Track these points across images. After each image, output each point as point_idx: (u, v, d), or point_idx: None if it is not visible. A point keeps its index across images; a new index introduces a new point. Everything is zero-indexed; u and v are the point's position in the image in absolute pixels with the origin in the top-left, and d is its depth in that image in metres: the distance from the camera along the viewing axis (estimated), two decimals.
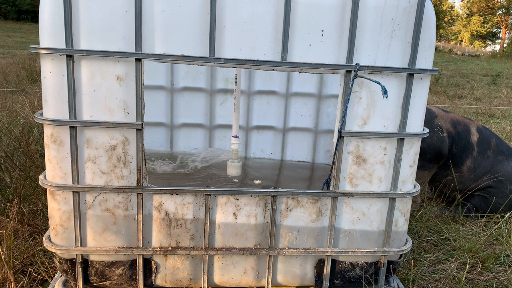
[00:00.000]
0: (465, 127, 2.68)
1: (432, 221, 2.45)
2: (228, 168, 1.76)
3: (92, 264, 1.46)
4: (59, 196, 1.38)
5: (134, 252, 1.43)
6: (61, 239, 1.42)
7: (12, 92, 5.24)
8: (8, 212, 2.07)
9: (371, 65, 1.35)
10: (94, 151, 1.35)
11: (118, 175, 1.37)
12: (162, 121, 2.41)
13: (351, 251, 1.51)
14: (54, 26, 1.23)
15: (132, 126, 1.33)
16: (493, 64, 16.06)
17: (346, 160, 1.43)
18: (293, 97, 2.42)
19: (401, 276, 1.84)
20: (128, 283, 1.49)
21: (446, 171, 2.66)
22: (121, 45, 1.27)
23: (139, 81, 1.30)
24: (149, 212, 1.43)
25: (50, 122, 1.30)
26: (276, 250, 1.49)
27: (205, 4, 1.27)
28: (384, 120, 1.41)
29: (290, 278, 1.56)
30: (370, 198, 1.47)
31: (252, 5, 1.28)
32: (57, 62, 1.26)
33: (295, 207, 1.47)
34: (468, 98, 7.57)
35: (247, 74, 2.38)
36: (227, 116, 2.43)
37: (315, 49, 1.33)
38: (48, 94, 1.29)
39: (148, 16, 1.26)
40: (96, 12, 1.24)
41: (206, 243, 1.46)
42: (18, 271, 1.69)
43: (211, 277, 1.53)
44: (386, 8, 1.31)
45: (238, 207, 1.46)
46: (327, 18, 1.31)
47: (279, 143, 2.49)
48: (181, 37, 1.28)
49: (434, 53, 1.40)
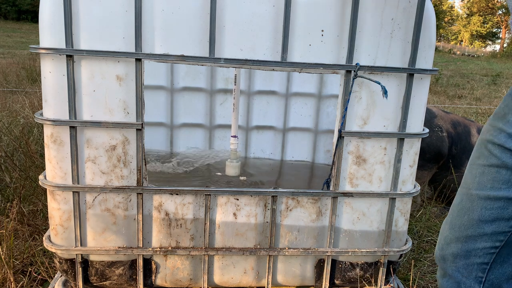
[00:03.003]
0: (465, 128, 2.68)
1: (432, 221, 2.45)
2: (227, 168, 1.76)
3: (92, 264, 1.46)
4: (59, 196, 1.38)
5: (134, 252, 1.43)
6: (61, 239, 1.42)
7: (12, 92, 5.24)
8: (8, 212, 2.07)
9: (371, 65, 1.35)
10: (94, 151, 1.35)
11: (118, 175, 1.37)
12: (162, 121, 2.41)
13: (351, 251, 1.51)
14: (54, 26, 1.23)
15: (132, 126, 1.33)
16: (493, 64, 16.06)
17: (346, 160, 1.43)
18: (293, 97, 2.42)
19: (401, 276, 1.84)
20: (128, 283, 1.49)
21: (446, 172, 2.66)
22: (121, 45, 1.27)
23: (139, 81, 1.30)
24: (149, 212, 1.43)
25: (50, 122, 1.30)
26: (276, 250, 1.49)
27: (205, 4, 1.26)
28: (384, 120, 1.41)
29: (290, 278, 1.56)
30: (370, 198, 1.47)
31: (252, 5, 1.28)
32: (57, 62, 1.26)
33: (295, 207, 1.47)
34: (468, 98, 7.57)
35: (247, 74, 2.38)
36: (227, 116, 2.43)
37: (315, 49, 1.33)
38: (48, 94, 1.29)
39: (148, 16, 1.26)
40: (96, 12, 1.24)
41: (206, 243, 1.46)
42: (18, 271, 1.69)
43: (211, 277, 1.53)
44: (386, 8, 1.31)
45: (238, 207, 1.46)
46: (327, 18, 1.31)
47: (279, 143, 2.48)
48: (181, 37, 1.28)
49: (434, 53, 1.41)
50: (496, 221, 0.93)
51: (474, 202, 0.96)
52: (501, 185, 0.92)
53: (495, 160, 0.92)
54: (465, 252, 0.98)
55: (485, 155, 0.95)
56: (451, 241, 1.01)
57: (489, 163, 0.94)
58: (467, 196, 0.98)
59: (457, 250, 1.00)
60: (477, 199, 0.95)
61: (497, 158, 0.92)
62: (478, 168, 0.96)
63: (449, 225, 1.02)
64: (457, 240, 1.00)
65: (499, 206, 0.93)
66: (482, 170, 0.95)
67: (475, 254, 0.97)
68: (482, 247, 0.96)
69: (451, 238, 1.01)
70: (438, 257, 1.06)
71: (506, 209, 0.92)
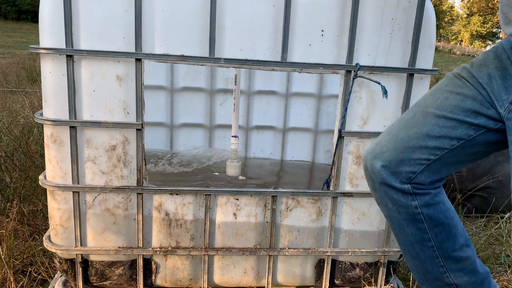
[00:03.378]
0: None
1: None
2: (228, 168, 1.77)
3: (92, 264, 1.46)
4: (59, 196, 1.38)
5: (134, 252, 1.43)
6: (61, 239, 1.42)
7: (12, 92, 5.24)
8: (8, 212, 2.07)
9: (371, 65, 1.35)
10: (94, 151, 1.35)
11: (118, 175, 1.37)
12: (162, 121, 2.41)
13: (351, 251, 1.51)
14: (54, 26, 1.23)
15: (132, 126, 1.33)
16: None
17: (346, 160, 1.43)
18: (293, 97, 2.42)
19: (401, 276, 1.84)
20: (128, 283, 1.49)
21: None
22: (121, 45, 1.27)
23: (139, 81, 1.30)
24: (149, 212, 1.43)
25: (50, 122, 1.30)
26: (276, 250, 1.49)
27: (205, 4, 1.27)
28: (384, 120, 1.41)
29: (290, 278, 1.56)
30: (370, 198, 1.47)
31: (252, 5, 1.28)
32: (57, 62, 1.26)
33: (295, 207, 1.47)
34: None
35: (247, 74, 2.38)
36: (227, 116, 2.43)
37: (315, 49, 1.33)
38: (48, 94, 1.29)
39: (148, 16, 1.26)
40: (96, 12, 1.24)
41: (206, 243, 1.46)
42: (18, 271, 1.69)
43: (211, 277, 1.53)
44: (386, 8, 1.31)
45: (238, 207, 1.46)
46: (327, 18, 1.31)
47: (279, 143, 2.48)
48: (181, 37, 1.28)
49: (434, 53, 1.41)
50: (442, 138, 1.04)
51: (428, 118, 1.05)
52: (461, 111, 1.02)
53: (467, 90, 1.02)
54: (399, 160, 1.07)
55: (457, 84, 1.05)
56: (387, 150, 1.09)
57: (458, 92, 1.03)
58: (422, 113, 1.07)
59: (390, 158, 1.08)
60: (432, 116, 1.05)
61: (469, 89, 1.02)
62: (443, 94, 1.06)
63: (390, 136, 1.10)
64: (394, 150, 1.08)
65: (450, 126, 1.03)
66: (447, 95, 1.05)
67: (407, 163, 1.07)
68: (417, 158, 1.06)
69: (388, 147, 1.09)
70: (366, 164, 1.14)
71: (455, 129, 1.03)
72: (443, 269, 1.13)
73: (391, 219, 1.14)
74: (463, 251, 1.13)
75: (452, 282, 1.15)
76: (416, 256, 1.14)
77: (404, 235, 1.13)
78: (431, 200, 1.10)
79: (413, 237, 1.12)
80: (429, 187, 1.09)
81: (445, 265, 1.13)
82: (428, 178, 1.08)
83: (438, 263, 1.13)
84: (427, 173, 1.07)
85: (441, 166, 1.07)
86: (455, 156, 1.06)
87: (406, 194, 1.08)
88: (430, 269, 1.14)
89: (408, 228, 1.12)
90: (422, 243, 1.12)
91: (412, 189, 1.08)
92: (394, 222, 1.14)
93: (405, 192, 1.08)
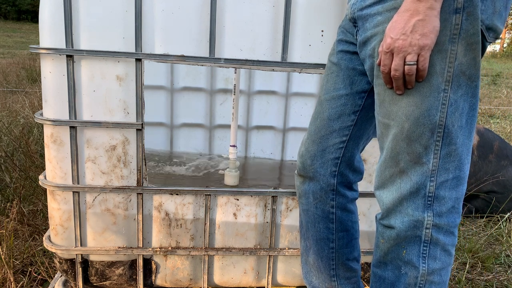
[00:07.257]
0: None
1: None
2: (226, 178, 1.77)
3: (92, 264, 1.46)
4: (59, 196, 1.38)
5: (134, 252, 1.43)
6: (61, 239, 1.42)
7: (12, 92, 5.24)
8: (8, 212, 2.07)
9: None
10: (94, 151, 1.35)
11: (118, 175, 1.37)
12: (162, 121, 2.41)
13: None
14: (54, 26, 1.23)
15: (132, 126, 1.33)
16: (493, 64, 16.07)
17: None
18: (293, 97, 2.42)
19: None
20: (128, 283, 1.49)
21: None
22: (121, 45, 1.27)
23: (139, 81, 1.30)
24: (149, 212, 1.43)
25: (50, 122, 1.30)
26: (276, 250, 1.49)
27: (205, 4, 1.27)
28: None
29: (290, 278, 1.56)
30: (370, 198, 1.47)
31: (252, 5, 1.28)
32: (57, 62, 1.26)
33: (295, 207, 1.47)
34: None
35: (247, 74, 2.38)
36: (227, 116, 2.43)
37: (315, 49, 1.33)
38: (48, 94, 1.29)
39: (148, 16, 1.26)
40: (96, 12, 1.24)
41: (206, 243, 1.46)
42: (18, 271, 1.69)
43: (211, 277, 1.53)
44: None
45: (238, 207, 1.46)
46: (327, 18, 1.31)
47: (279, 143, 2.48)
48: (181, 37, 1.28)
49: None
50: (341, 117, 1.12)
51: (323, 105, 1.14)
52: (340, 85, 1.11)
53: (335, 68, 1.12)
54: (321, 151, 1.15)
55: (327, 66, 1.15)
56: (309, 145, 1.17)
57: (331, 71, 1.13)
58: (318, 103, 1.16)
59: (315, 152, 1.16)
60: (325, 101, 1.14)
61: (336, 66, 1.12)
62: (323, 79, 1.16)
63: (308, 134, 1.19)
64: (313, 143, 1.16)
65: (341, 104, 1.11)
66: (326, 79, 1.15)
67: (329, 151, 1.15)
68: (333, 143, 1.14)
69: (309, 143, 1.17)
70: (299, 166, 1.22)
71: (346, 105, 1.11)
72: (333, 272, 1.23)
73: (307, 213, 1.22)
74: (354, 264, 1.24)
75: (336, 286, 1.25)
76: (316, 251, 1.23)
77: (314, 230, 1.22)
78: (346, 206, 1.20)
79: (321, 234, 1.21)
80: (352, 187, 1.21)
81: (336, 269, 1.23)
82: (350, 166, 1.17)
83: (332, 265, 1.23)
84: (349, 156, 1.15)
85: (356, 143, 1.15)
86: (361, 129, 1.14)
87: (328, 192, 1.17)
88: (323, 269, 1.23)
89: (319, 224, 1.21)
90: (325, 242, 1.21)
91: (337, 185, 1.17)
92: (309, 216, 1.22)
93: (329, 187, 1.17)
